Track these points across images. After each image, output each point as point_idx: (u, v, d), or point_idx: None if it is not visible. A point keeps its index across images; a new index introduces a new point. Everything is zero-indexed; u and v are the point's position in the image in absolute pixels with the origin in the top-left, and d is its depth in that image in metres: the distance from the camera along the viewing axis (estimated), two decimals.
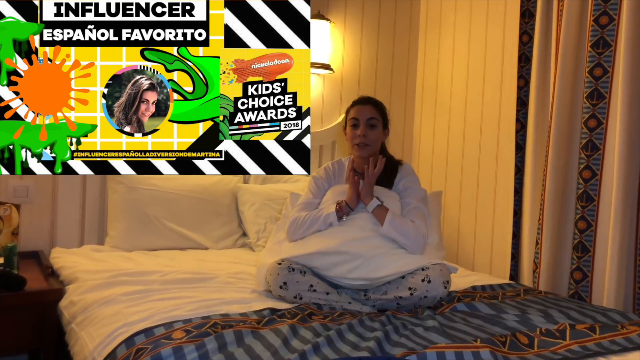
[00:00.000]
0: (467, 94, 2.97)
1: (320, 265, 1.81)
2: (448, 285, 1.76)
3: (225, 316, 1.54)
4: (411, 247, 1.86)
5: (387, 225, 1.85)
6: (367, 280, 1.80)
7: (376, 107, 2.02)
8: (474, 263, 2.90)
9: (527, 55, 2.55)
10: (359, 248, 1.82)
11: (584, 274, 2.19)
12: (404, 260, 1.81)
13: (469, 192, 2.94)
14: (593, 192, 2.18)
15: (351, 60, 3.12)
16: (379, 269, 1.79)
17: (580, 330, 1.56)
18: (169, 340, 1.36)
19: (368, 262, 1.80)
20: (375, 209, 1.88)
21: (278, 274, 1.76)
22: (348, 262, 1.80)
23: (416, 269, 1.77)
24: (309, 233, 1.91)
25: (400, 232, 1.85)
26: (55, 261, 2.20)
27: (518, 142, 2.57)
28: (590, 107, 2.18)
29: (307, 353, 1.31)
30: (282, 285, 1.75)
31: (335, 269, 1.81)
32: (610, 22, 2.15)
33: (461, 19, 3.03)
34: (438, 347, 1.34)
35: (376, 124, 2.00)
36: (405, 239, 1.85)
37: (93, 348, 1.52)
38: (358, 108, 2.02)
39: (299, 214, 1.96)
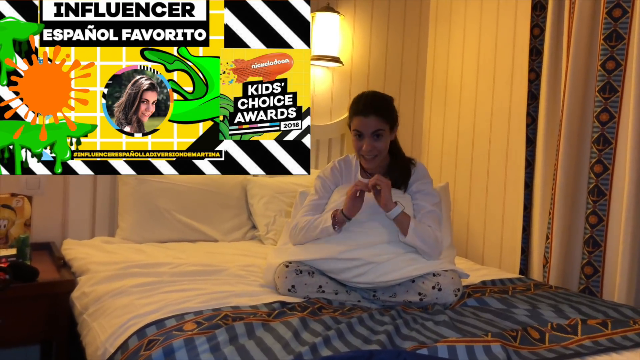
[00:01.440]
0: (478, 87, 2.96)
1: (328, 269, 1.79)
2: (459, 293, 1.72)
3: (235, 308, 1.55)
4: (430, 255, 1.80)
5: (411, 233, 1.77)
6: (374, 284, 1.78)
7: (380, 116, 1.82)
8: (484, 257, 2.89)
9: (538, 49, 2.53)
10: (368, 255, 1.77)
11: (594, 269, 2.18)
12: (414, 265, 1.77)
13: (479, 186, 2.93)
14: (604, 186, 2.17)
15: (361, 53, 3.11)
16: (388, 273, 1.75)
17: (592, 326, 1.55)
18: (180, 332, 1.37)
19: (377, 267, 1.76)
20: (399, 215, 1.77)
21: (286, 277, 1.75)
22: (356, 268, 1.76)
23: (427, 274, 1.74)
24: (307, 239, 1.88)
25: (422, 240, 1.78)
26: (67, 252, 2.22)
27: (529, 136, 2.55)
28: (602, 101, 2.17)
29: (317, 346, 1.31)
30: (291, 289, 1.74)
31: (343, 273, 1.78)
32: (623, 15, 2.12)
33: (472, 12, 3.01)
34: (449, 341, 1.34)
35: (382, 133, 1.83)
36: (427, 246, 1.79)
37: (105, 339, 1.53)
38: (360, 120, 1.82)
39: (300, 219, 1.92)
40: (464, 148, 3.03)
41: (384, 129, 1.83)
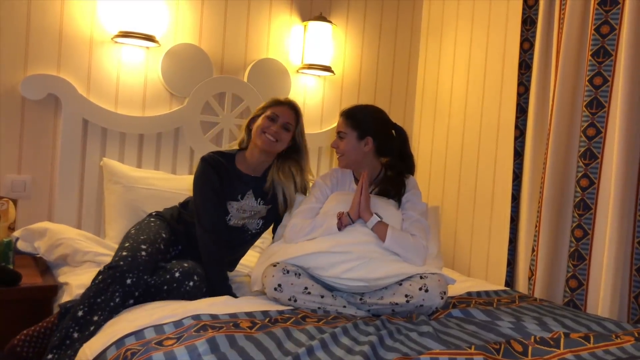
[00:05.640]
0: (467, 99, 2.98)
1: (316, 265, 1.80)
2: (445, 296, 1.75)
3: (215, 317, 1.53)
4: (412, 260, 1.84)
5: (389, 240, 1.84)
6: (363, 282, 1.79)
7: (348, 119, 2.03)
8: (470, 269, 2.90)
9: (527, 63, 2.56)
10: (358, 250, 1.82)
11: (579, 282, 2.19)
12: (402, 264, 1.81)
13: (467, 198, 2.94)
14: (590, 200, 2.18)
15: (352, 63, 3.12)
16: (377, 270, 1.78)
17: (575, 339, 1.56)
18: (159, 345, 1.34)
19: (366, 263, 1.79)
20: (375, 225, 1.86)
21: (273, 275, 1.76)
22: (345, 262, 1.79)
23: (414, 275, 1.77)
24: (309, 239, 1.89)
25: (402, 246, 1.85)
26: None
27: (517, 148, 2.57)
28: (589, 116, 2.19)
29: (301, 356, 1.31)
30: (277, 288, 1.74)
31: (332, 269, 1.80)
32: (611, 32, 2.15)
33: (463, 25, 3.03)
34: (432, 353, 1.34)
35: (344, 135, 2.02)
36: (407, 252, 1.84)
37: (84, 348, 1.52)
38: (339, 121, 2.06)
39: (298, 220, 1.94)
40: (453, 159, 3.05)
41: (345, 132, 2.02)
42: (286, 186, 2.02)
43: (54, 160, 2.36)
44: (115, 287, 1.64)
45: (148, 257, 1.74)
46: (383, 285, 1.78)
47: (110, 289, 1.63)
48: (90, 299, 1.62)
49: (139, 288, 1.69)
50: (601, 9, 2.17)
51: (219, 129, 2.68)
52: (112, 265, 1.68)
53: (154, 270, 1.77)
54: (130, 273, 1.67)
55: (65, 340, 1.58)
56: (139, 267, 1.69)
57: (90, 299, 1.62)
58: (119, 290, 1.64)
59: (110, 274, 1.66)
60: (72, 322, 1.60)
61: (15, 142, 2.30)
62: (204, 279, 1.79)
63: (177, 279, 1.74)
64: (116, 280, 1.64)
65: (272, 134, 1.95)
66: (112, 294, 1.63)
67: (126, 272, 1.66)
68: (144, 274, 1.70)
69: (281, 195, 2.02)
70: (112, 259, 1.75)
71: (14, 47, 2.27)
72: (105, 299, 1.62)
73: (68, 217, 2.33)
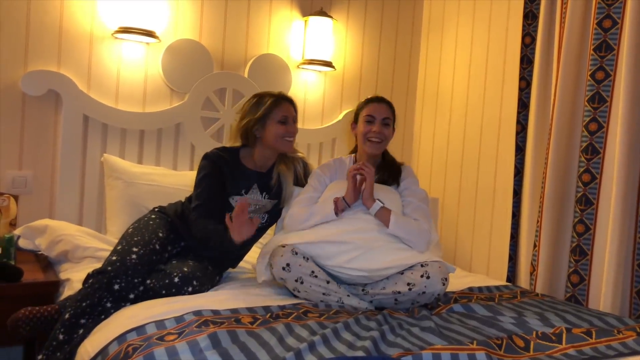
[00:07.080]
0: (469, 94, 2.97)
1: (321, 254, 1.82)
2: (446, 282, 1.76)
3: (216, 313, 1.53)
4: (416, 244, 1.88)
5: (393, 225, 1.87)
6: (365, 272, 1.80)
7: (390, 107, 2.10)
8: (472, 264, 2.89)
9: (529, 57, 2.55)
10: (360, 239, 1.84)
11: (581, 278, 2.19)
12: (403, 254, 1.82)
13: (468, 193, 2.94)
14: (592, 195, 2.18)
15: (353, 58, 3.11)
16: (378, 260, 1.80)
17: (577, 334, 1.56)
18: (161, 341, 1.34)
19: (367, 253, 1.81)
20: (378, 211, 1.89)
21: (282, 255, 1.77)
22: (348, 252, 1.81)
23: (415, 264, 1.78)
24: (307, 226, 1.91)
25: (406, 230, 1.88)
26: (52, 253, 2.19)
27: (518, 143, 2.56)
28: (591, 111, 2.18)
29: (302, 352, 1.31)
30: (285, 267, 1.75)
31: (335, 258, 1.81)
32: (613, 26, 2.14)
33: (464, 20, 3.02)
34: (434, 349, 1.34)
35: (389, 123, 2.07)
36: (411, 236, 1.88)
37: (85, 343, 1.53)
38: (374, 106, 2.08)
39: (296, 208, 1.96)
40: (454, 154, 3.04)
41: (391, 119, 2.08)
42: (291, 181, 2.06)
43: (55, 156, 2.36)
44: (102, 293, 1.65)
45: (138, 260, 1.75)
46: (385, 275, 1.80)
47: (97, 294, 1.65)
48: (78, 303, 1.64)
49: (132, 291, 1.70)
50: (603, 3, 2.16)
51: (220, 125, 2.67)
52: (101, 271, 1.70)
53: (151, 271, 1.77)
54: (118, 278, 1.68)
55: (52, 341, 1.61)
56: (127, 272, 1.70)
57: (77, 302, 1.64)
58: (106, 296, 1.66)
59: (98, 279, 1.68)
60: (60, 324, 1.63)
61: (16, 139, 2.30)
62: (203, 283, 1.79)
63: (176, 284, 1.74)
64: (103, 286, 1.66)
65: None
66: (100, 299, 1.65)
67: (113, 278, 1.68)
68: (134, 277, 1.71)
69: (286, 189, 2.05)
70: (104, 262, 1.76)
71: (15, 43, 2.27)
72: (92, 304, 1.64)
73: (69, 212, 2.33)
